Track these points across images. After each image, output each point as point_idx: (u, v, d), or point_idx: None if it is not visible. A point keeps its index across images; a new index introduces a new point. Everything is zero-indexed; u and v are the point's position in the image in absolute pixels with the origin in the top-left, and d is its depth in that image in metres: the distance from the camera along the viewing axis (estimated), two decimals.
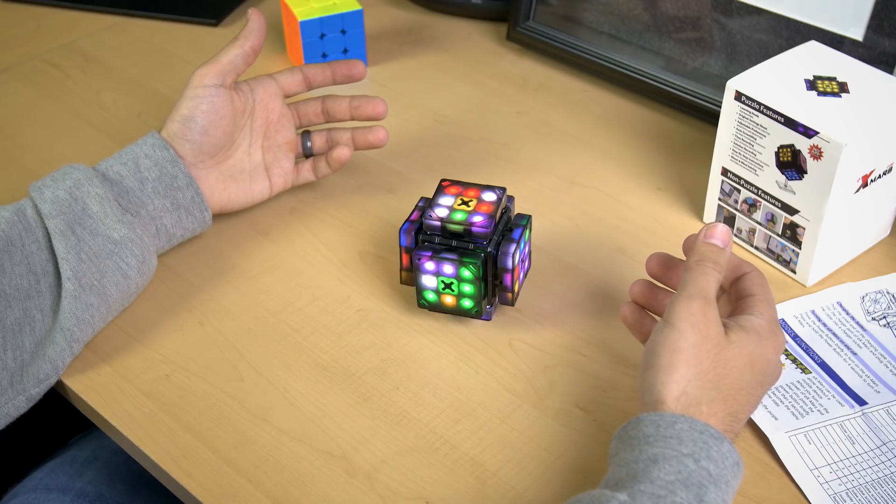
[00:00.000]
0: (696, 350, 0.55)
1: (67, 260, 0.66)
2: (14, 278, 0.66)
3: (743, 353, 0.56)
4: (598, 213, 0.81)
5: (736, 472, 0.53)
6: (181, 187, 0.73)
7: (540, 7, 1.00)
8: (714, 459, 0.52)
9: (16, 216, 0.68)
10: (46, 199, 0.68)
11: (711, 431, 0.53)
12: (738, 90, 0.71)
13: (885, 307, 0.71)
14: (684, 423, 0.53)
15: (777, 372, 0.58)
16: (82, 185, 0.69)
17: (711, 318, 0.56)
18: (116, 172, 0.71)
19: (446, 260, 0.66)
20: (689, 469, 0.51)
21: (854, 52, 0.80)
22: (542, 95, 0.96)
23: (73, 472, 0.78)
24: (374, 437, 0.64)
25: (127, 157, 0.72)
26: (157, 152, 0.72)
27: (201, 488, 0.61)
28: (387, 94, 0.96)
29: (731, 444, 0.53)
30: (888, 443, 0.62)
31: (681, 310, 0.56)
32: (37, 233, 0.68)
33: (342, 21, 0.96)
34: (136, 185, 0.71)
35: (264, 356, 0.69)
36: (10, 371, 0.64)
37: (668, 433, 0.52)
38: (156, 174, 0.72)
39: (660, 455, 0.52)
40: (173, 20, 1.09)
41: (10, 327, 0.65)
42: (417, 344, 0.70)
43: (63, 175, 0.69)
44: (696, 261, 0.59)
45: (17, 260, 0.67)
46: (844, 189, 0.69)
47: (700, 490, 0.51)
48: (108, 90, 0.98)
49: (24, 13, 1.11)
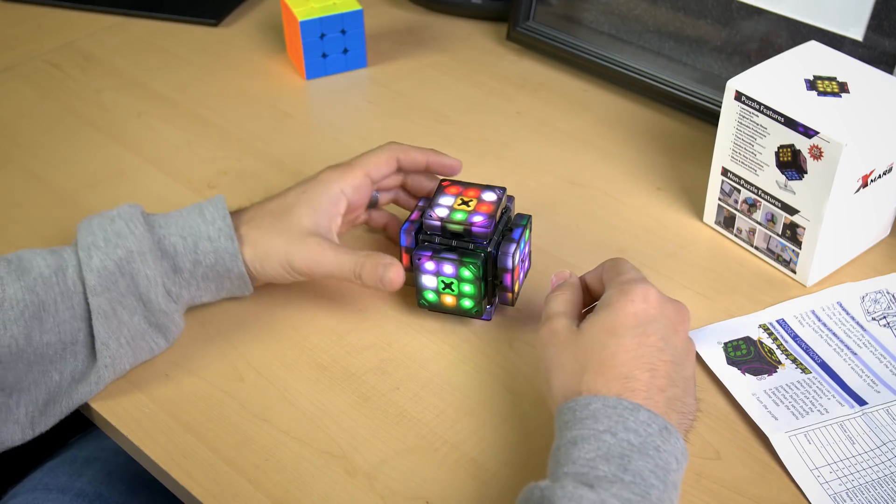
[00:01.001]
0: (553, 360, 0.59)
1: (108, 346, 0.64)
2: (41, 347, 0.63)
3: (594, 330, 0.58)
4: (598, 213, 0.81)
5: (666, 436, 0.54)
6: (232, 278, 0.68)
7: (540, 7, 1.00)
8: (633, 429, 0.53)
9: (55, 276, 0.63)
10: (94, 268, 0.63)
11: (625, 404, 0.54)
12: (738, 90, 0.71)
13: (885, 307, 0.71)
14: (597, 402, 0.55)
15: (657, 314, 0.58)
16: (134, 261, 0.64)
17: (557, 328, 0.60)
18: (172, 245, 0.66)
19: (446, 260, 0.66)
20: (607, 444, 0.53)
21: (854, 52, 0.80)
22: (542, 95, 0.96)
23: (73, 472, 0.78)
24: (374, 437, 0.64)
25: (188, 232, 0.66)
26: (222, 241, 0.66)
27: (201, 488, 0.61)
28: (387, 94, 0.96)
29: (651, 412, 0.54)
30: (888, 443, 0.62)
31: (538, 335, 0.62)
32: (73, 299, 0.63)
33: (342, 21, 0.96)
34: (187, 267, 0.66)
35: (264, 356, 0.69)
36: (20, 425, 0.64)
37: (584, 415, 0.54)
38: (212, 261, 0.67)
39: (578, 437, 0.54)
40: (173, 20, 1.09)
41: (27, 387, 0.63)
42: (417, 344, 0.70)
43: (117, 237, 0.64)
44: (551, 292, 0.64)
45: (48, 328, 0.63)
46: (844, 189, 0.69)
47: (622, 460, 0.52)
48: (108, 90, 0.98)
49: (24, 13, 1.11)
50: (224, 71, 1.01)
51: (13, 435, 0.64)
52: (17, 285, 0.62)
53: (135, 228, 0.65)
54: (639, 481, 0.51)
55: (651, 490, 0.51)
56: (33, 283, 0.63)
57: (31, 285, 0.63)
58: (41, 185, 0.86)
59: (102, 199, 0.84)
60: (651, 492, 0.51)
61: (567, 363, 0.58)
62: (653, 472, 0.52)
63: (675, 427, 0.55)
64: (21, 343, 0.62)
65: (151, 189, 0.85)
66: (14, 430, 0.64)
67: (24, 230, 0.81)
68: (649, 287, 0.59)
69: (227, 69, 1.01)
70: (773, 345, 0.68)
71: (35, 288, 0.63)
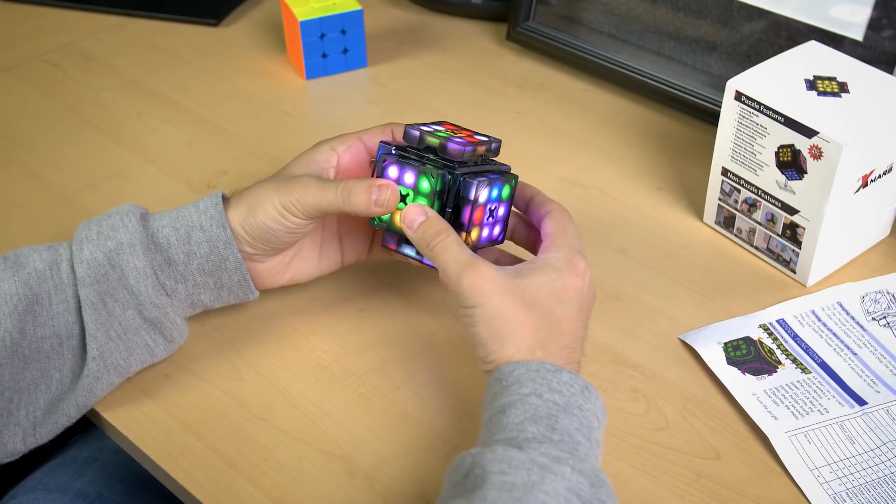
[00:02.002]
0: (500, 311, 0.57)
1: (95, 338, 0.63)
2: (35, 341, 0.63)
3: (543, 292, 0.58)
4: (598, 213, 0.81)
5: (587, 395, 0.56)
6: (229, 269, 0.66)
7: (540, 7, 1.00)
8: (557, 390, 0.55)
9: (49, 270, 0.63)
10: (84, 259, 0.63)
11: (547, 367, 0.56)
12: (738, 90, 0.71)
13: (885, 307, 0.71)
14: (521, 367, 0.56)
15: (590, 293, 0.61)
16: (123, 252, 0.63)
17: (487, 279, 0.58)
18: (165, 237, 0.65)
19: (409, 166, 0.62)
20: (534, 406, 0.54)
21: (854, 52, 0.80)
22: (542, 95, 0.96)
23: (73, 473, 0.78)
24: (374, 437, 0.64)
25: (181, 223, 0.65)
26: (214, 229, 0.65)
27: (201, 488, 0.61)
28: (387, 93, 0.96)
29: (572, 373, 0.56)
30: (888, 443, 0.62)
31: (460, 293, 0.58)
32: (67, 291, 0.63)
33: (342, 21, 0.96)
34: (181, 258, 0.65)
35: (264, 356, 0.69)
36: (22, 428, 0.63)
37: (510, 381, 0.55)
38: (205, 250, 0.65)
39: (507, 403, 0.55)
40: (173, 20, 1.09)
41: (26, 387, 0.63)
42: (418, 344, 0.70)
43: (109, 230, 0.64)
44: (427, 245, 0.61)
45: (42, 321, 0.63)
46: (844, 189, 0.69)
47: (550, 420, 0.53)
48: (108, 90, 0.98)
49: (24, 13, 1.11)
50: (224, 71, 1.01)
51: (14, 439, 0.63)
52: (12, 280, 0.63)
53: (128, 222, 0.64)
54: (566, 439, 0.53)
55: (578, 447, 0.53)
56: (27, 277, 0.63)
57: (25, 279, 0.63)
58: (41, 185, 0.86)
59: (102, 199, 0.84)
60: (579, 448, 0.53)
61: (520, 317, 0.57)
62: (578, 429, 0.54)
63: (592, 386, 0.57)
64: (16, 337, 0.62)
65: (151, 189, 0.85)
66: (15, 434, 0.63)
67: (24, 230, 0.81)
68: (587, 263, 0.61)
69: (227, 69, 1.01)
70: (773, 345, 0.68)
71: (29, 282, 0.63)
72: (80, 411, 0.64)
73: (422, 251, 0.62)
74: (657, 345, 0.69)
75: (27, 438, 0.64)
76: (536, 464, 0.50)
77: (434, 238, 0.61)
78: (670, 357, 0.68)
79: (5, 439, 0.63)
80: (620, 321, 0.71)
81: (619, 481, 0.61)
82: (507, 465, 0.50)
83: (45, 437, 0.64)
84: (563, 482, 0.50)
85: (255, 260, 0.67)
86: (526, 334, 0.57)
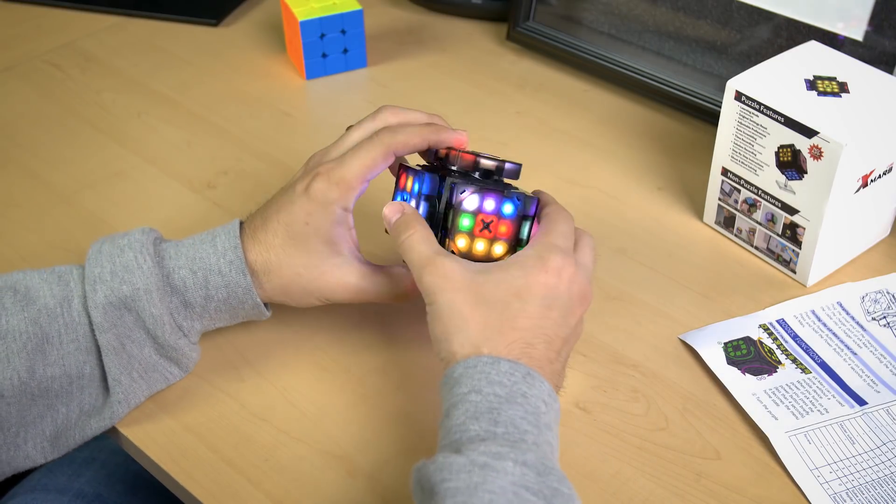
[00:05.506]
0: (451, 308, 0.57)
1: (120, 382, 0.62)
2: (45, 381, 0.61)
3: (501, 287, 0.57)
4: (598, 213, 0.81)
5: (531, 381, 0.55)
6: (246, 309, 0.65)
7: (540, 7, 1.00)
8: (498, 382, 0.54)
9: (59, 307, 0.61)
10: (99, 304, 0.61)
11: (484, 360, 0.55)
12: (738, 90, 0.71)
13: (885, 307, 0.71)
14: (460, 367, 0.55)
15: (568, 291, 0.58)
16: (140, 299, 0.61)
17: (444, 275, 0.57)
18: (181, 280, 0.62)
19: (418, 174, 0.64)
20: (475, 402, 0.53)
21: (854, 52, 0.80)
22: (542, 95, 0.96)
23: (72, 473, 0.78)
24: (374, 437, 0.64)
25: (198, 266, 0.63)
26: (233, 274, 0.63)
27: (201, 488, 0.61)
28: (387, 94, 0.96)
29: (512, 361, 0.55)
30: (888, 443, 0.62)
31: (422, 289, 0.58)
32: (78, 331, 0.61)
33: (342, 21, 0.96)
34: (199, 301, 0.63)
35: (264, 356, 0.69)
36: (31, 460, 0.63)
37: (450, 383, 0.55)
38: (223, 295, 0.63)
39: (450, 406, 0.54)
40: (173, 20, 1.09)
41: (32, 421, 0.62)
42: (418, 344, 0.70)
43: (124, 272, 0.61)
44: (397, 241, 0.60)
45: (52, 361, 0.61)
46: (844, 189, 0.69)
47: (492, 414, 0.53)
48: (108, 90, 0.98)
49: (24, 13, 1.11)
50: (224, 71, 1.01)
51: (25, 463, 0.63)
52: (21, 316, 0.60)
53: (143, 262, 0.62)
54: (511, 430, 0.52)
55: (525, 436, 0.52)
56: (37, 314, 0.61)
57: (34, 317, 0.61)
58: (41, 185, 0.86)
59: (102, 199, 0.84)
60: (526, 437, 0.52)
61: (467, 313, 0.57)
62: (524, 418, 0.53)
63: (537, 372, 0.55)
64: (24, 376, 0.60)
65: (151, 189, 0.85)
66: (25, 463, 0.63)
67: (24, 230, 0.81)
68: (568, 261, 0.58)
69: (227, 69, 1.01)
70: (773, 345, 0.68)
71: (39, 319, 0.61)
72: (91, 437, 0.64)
73: (396, 248, 0.61)
74: (657, 345, 0.69)
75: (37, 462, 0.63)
76: (476, 464, 0.50)
77: (403, 233, 0.60)
78: (670, 357, 0.68)
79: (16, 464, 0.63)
80: (620, 321, 0.71)
81: (619, 481, 0.61)
82: (447, 472, 0.49)
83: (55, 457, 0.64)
84: (507, 477, 0.49)
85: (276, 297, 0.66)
86: (472, 331, 0.56)
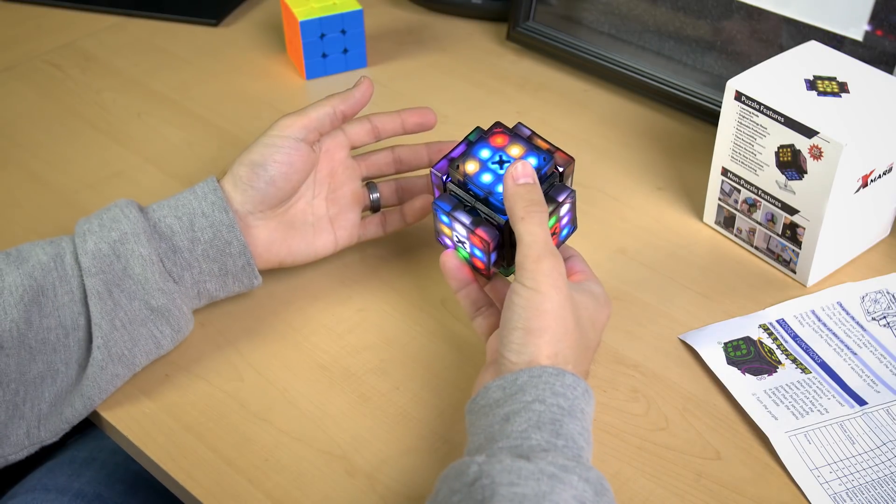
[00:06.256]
0: (561, 311, 0.56)
1: (100, 326, 0.63)
2: (42, 332, 0.63)
3: (587, 314, 0.59)
4: (598, 213, 0.81)
5: (588, 399, 0.56)
6: (233, 254, 0.67)
7: (540, 7, 1.00)
8: (561, 394, 0.55)
9: (53, 262, 0.64)
10: (88, 251, 0.64)
11: (549, 371, 0.55)
12: (738, 90, 0.71)
13: (885, 307, 0.71)
14: (524, 375, 0.55)
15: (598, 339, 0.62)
16: (128, 241, 0.64)
17: (564, 275, 0.58)
18: (168, 226, 0.66)
19: None
20: (538, 412, 0.54)
21: (854, 52, 0.80)
22: (542, 95, 0.96)
23: (72, 473, 0.78)
24: (374, 437, 0.64)
25: (182, 211, 0.67)
26: (216, 213, 0.67)
27: (201, 488, 0.61)
28: (387, 94, 0.96)
29: (575, 376, 0.56)
30: (888, 443, 0.62)
31: (535, 271, 0.57)
32: (72, 283, 0.64)
33: (342, 21, 0.96)
34: (186, 245, 0.66)
35: (264, 356, 0.69)
36: (27, 422, 0.64)
37: (513, 390, 0.55)
38: (209, 236, 0.67)
39: (511, 412, 0.54)
40: (173, 20, 1.09)
41: (32, 380, 0.64)
42: (418, 344, 0.70)
43: (112, 221, 0.65)
44: (524, 208, 0.58)
45: (48, 312, 0.63)
46: (844, 189, 0.69)
47: (554, 425, 0.53)
48: (108, 90, 0.98)
49: (24, 13, 1.11)
50: (224, 71, 1.01)
51: (18, 432, 0.63)
52: (16, 273, 0.63)
53: (129, 213, 0.65)
54: (571, 444, 0.53)
55: (582, 452, 0.53)
56: (32, 269, 0.64)
57: (29, 272, 0.64)
58: (41, 185, 0.86)
59: (102, 199, 0.84)
60: (582, 454, 0.53)
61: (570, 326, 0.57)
62: (581, 434, 0.54)
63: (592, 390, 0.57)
64: (22, 327, 0.63)
65: (151, 189, 0.85)
66: (20, 427, 0.63)
67: (24, 230, 0.81)
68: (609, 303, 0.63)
69: (227, 69, 1.01)
70: (773, 345, 0.68)
71: (34, 274, 0.64)
72: (86, 406, 0.64)
73: (510, 209, 0.59)
74: (657, 345, 0.69)
75: (31, 432, 0.64)
76: (545, 473, 0.50)
77: (532, 206, 0.59)
78: (670, 357, 0.68)
79: (9, 432, 0.63)
80: (620, 321, 0.71)
81: (619, 481, 0.61)
82: (516, 476, 0.50)
83: (50, 435, 0.64)
84: (570, 491, 0.50)
85: (257, 217, 0.69)
86: (568, 344, 0.57)
